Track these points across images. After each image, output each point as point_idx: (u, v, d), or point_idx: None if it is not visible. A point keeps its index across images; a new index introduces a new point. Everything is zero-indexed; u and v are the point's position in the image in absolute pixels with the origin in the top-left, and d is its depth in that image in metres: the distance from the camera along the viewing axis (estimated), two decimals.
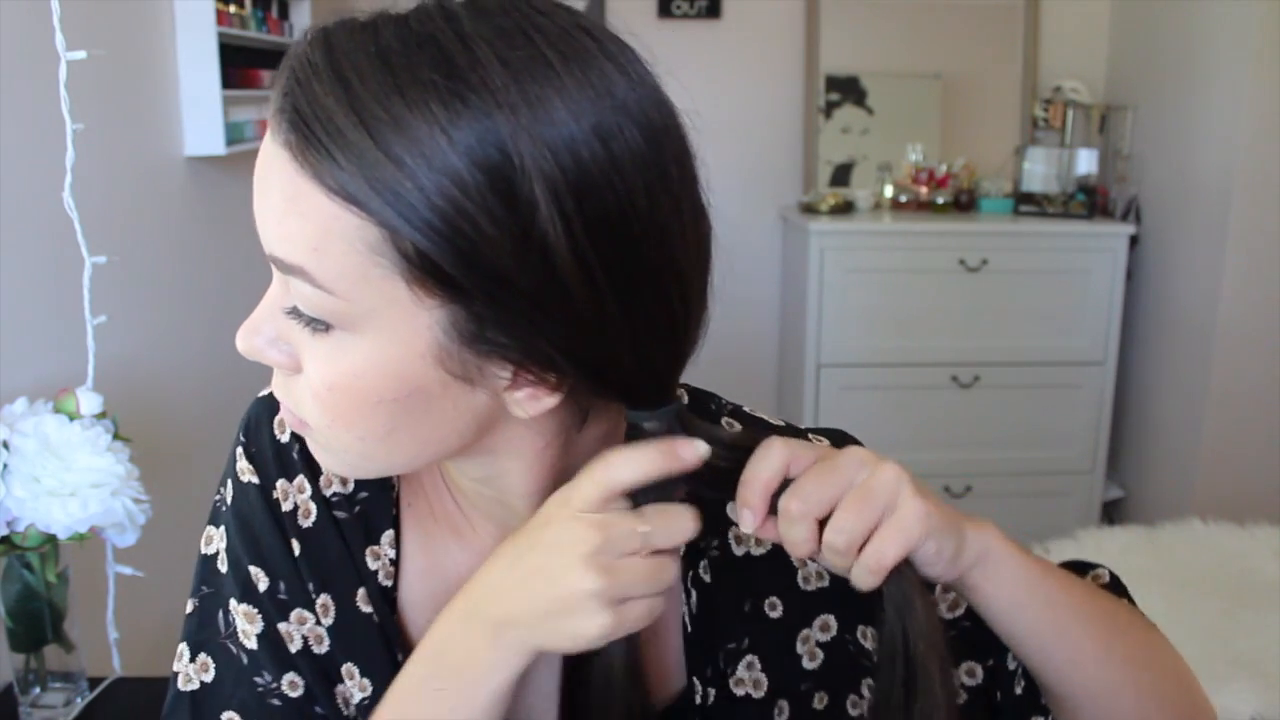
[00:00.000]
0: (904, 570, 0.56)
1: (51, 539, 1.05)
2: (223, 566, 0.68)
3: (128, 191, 1.61)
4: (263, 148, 0.51)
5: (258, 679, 0.66)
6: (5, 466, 1.03)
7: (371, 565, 0.66)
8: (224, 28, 1.79)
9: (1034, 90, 3.17)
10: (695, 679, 0.66)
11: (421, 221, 0.47)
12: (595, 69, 0.50)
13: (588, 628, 0.53)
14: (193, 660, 0.68)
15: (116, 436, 1.10)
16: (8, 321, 1.25)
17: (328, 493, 0.67)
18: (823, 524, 0.55)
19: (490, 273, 0.48)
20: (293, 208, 0.49)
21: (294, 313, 0.52)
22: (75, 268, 1.23)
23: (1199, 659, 1.86)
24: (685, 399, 0.70)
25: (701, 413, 0.69)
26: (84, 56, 1.18)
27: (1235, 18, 2.57)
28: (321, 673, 0.66)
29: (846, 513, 0.55)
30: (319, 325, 0.52)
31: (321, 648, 0.66)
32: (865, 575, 0.55)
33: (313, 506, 0.66)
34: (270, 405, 0.69)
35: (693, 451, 0.55)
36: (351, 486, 0.67)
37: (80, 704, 1.17)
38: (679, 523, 0.54)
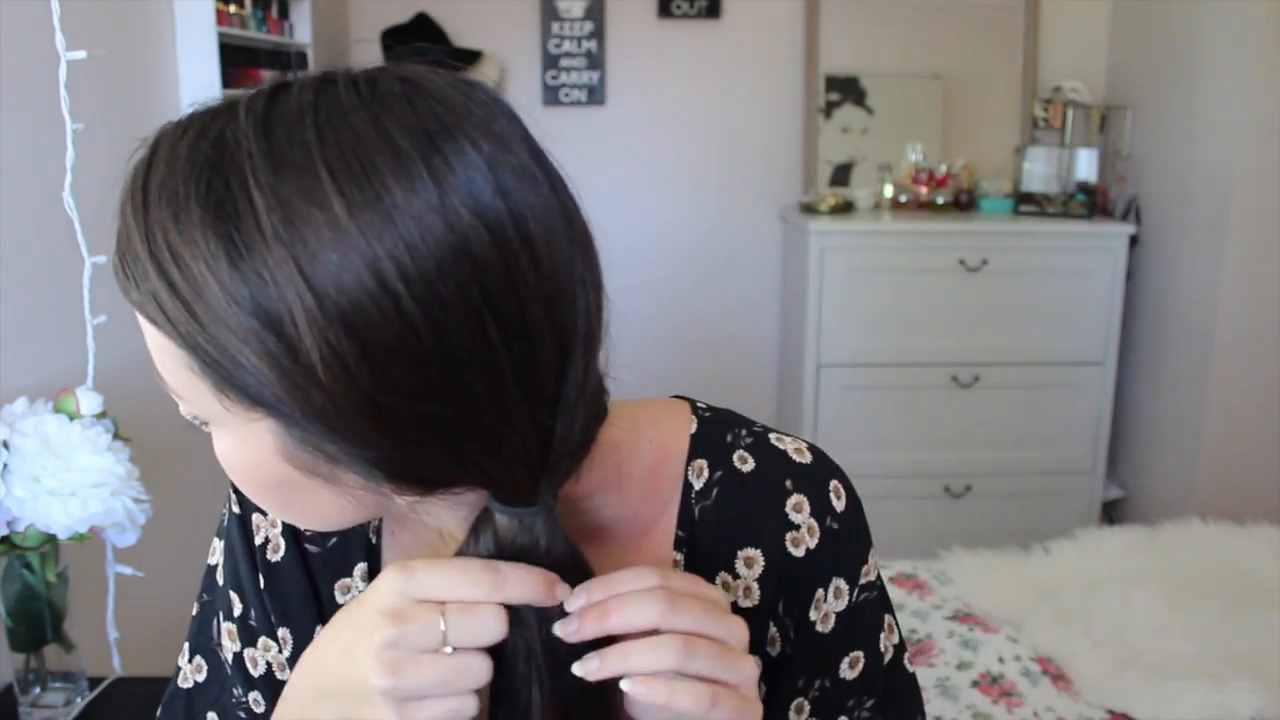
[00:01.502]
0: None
1: (51, 539, 1.05)
2: (220, 580, 0.71)
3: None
4: None
5: (235, 690, 0.70)
6: (5, 466, 1.03)
7: (340, 599, 0.68)
8: (224, 28, 1.79)
9: (1034, 90, 3.17)
10: None
11: (206, 355, 0.48)
12: (381, 190, 0.46)
13: None
14: (191, 660, 0.72)
15: (116, 436, 1.10)
16: (8, 321, 1.25)
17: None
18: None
19: (271, 401, 0.48)
20: (137, 316, 0.51)
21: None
22: (75, 268, 1.23)
23: (1199, 659, 1.86)
24: (696, 424, 0.67)
25: (716, 445, 0.66)
26: (84, 56, 1.18)
27: (1235, 18, 2.57)
28: (278, 696, 0.66)
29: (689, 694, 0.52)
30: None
31: (284, 674, 0.68)
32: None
33: (282, 542, 0.68)
34: None
35: (526, 592, 0.51)
36: None
37: (80, 704, 1.17)
38: (484, 625, 0.50)
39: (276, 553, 0.68)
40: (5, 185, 1.25)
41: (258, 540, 0.68)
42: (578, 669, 0.52)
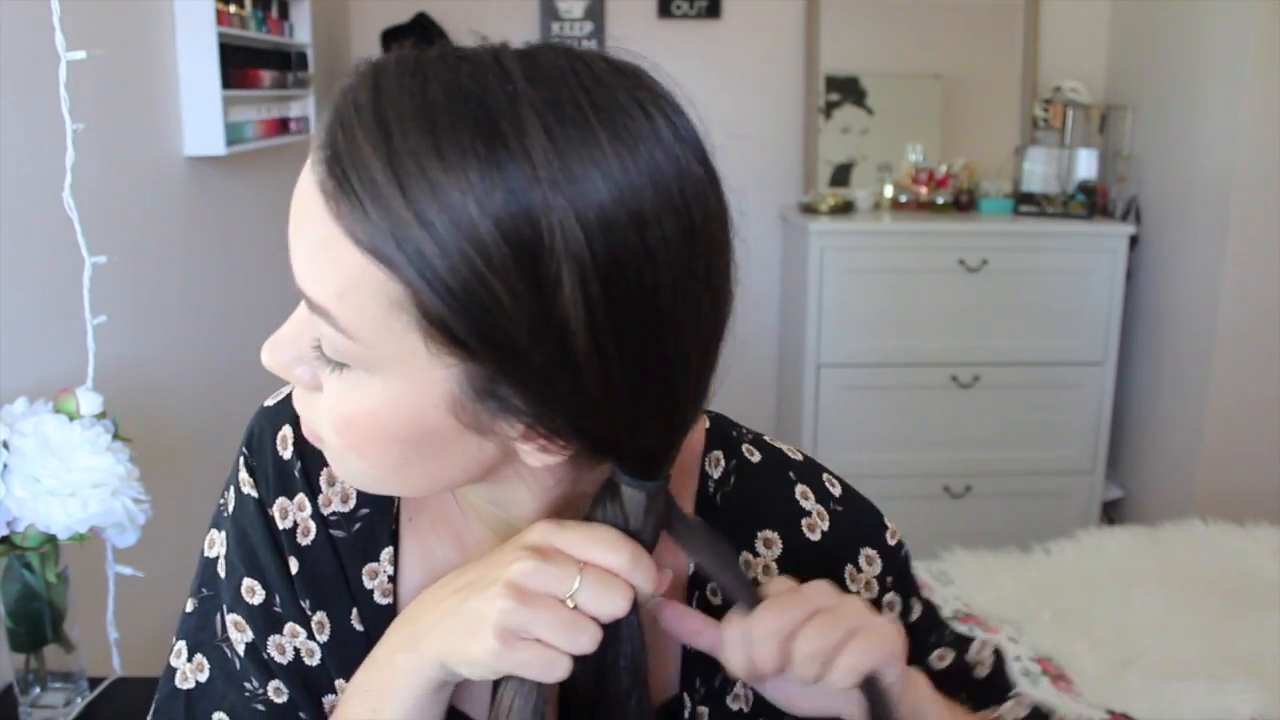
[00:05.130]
0: (879, 685, 0.57)
1: (51, 539, 1.05)
2: (222, 572, 0.69)
3: (128, 191, 1.61)
4: (300, 183, 0.51)
5: (246, 684, 0.67)
6: (5, 466, 1.03)
7: (368, 584, 0.67)
8: (224, 28, 1.79)
9: (1034, 90, 3.17)
10: (686, 694, 0.67)
11: (443, 286, 0.46)
12: (644, 152, 0.48)
13: (475, 649, 0.53)
14: (189, 659, 0.69)
15: (116, 436, 1.10)
16: (8, 321, 1.25)
17: (327, 511, 0.67)
18: None
19: (505, 345, 0.48)
20: (323, 253, 0.49)
21: (317, 347, 0.53)
22: (75, 268, 1.23)
23: (1199, 659, 1.86)
24: (708, 421, 0.71)
25: (724, 440, 0.70)
26: (84, 56, 1.18)
27: (1234, 18, 2.57)
28: (309, 683, 0.67)
29: (817, 625, 0.56)
30: (338, 365, 0.52)
31: (313, 660, 0.67)
32: (844, 677, 0.56)
33: (312, 525, 0.67)
34: (274, 419, 0.69)
35: (649, 583, 0.54)
36: (352, 504, 0.68)
37: (80, 704, 1.17)
38: (613, 595, 0.53)
39: (307, 536, 0.67)
40: (5, 185, 1.25)
41: (284, 525, 0.67)
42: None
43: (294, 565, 0.67)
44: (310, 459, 0.67)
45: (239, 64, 1.90)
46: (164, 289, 1.71)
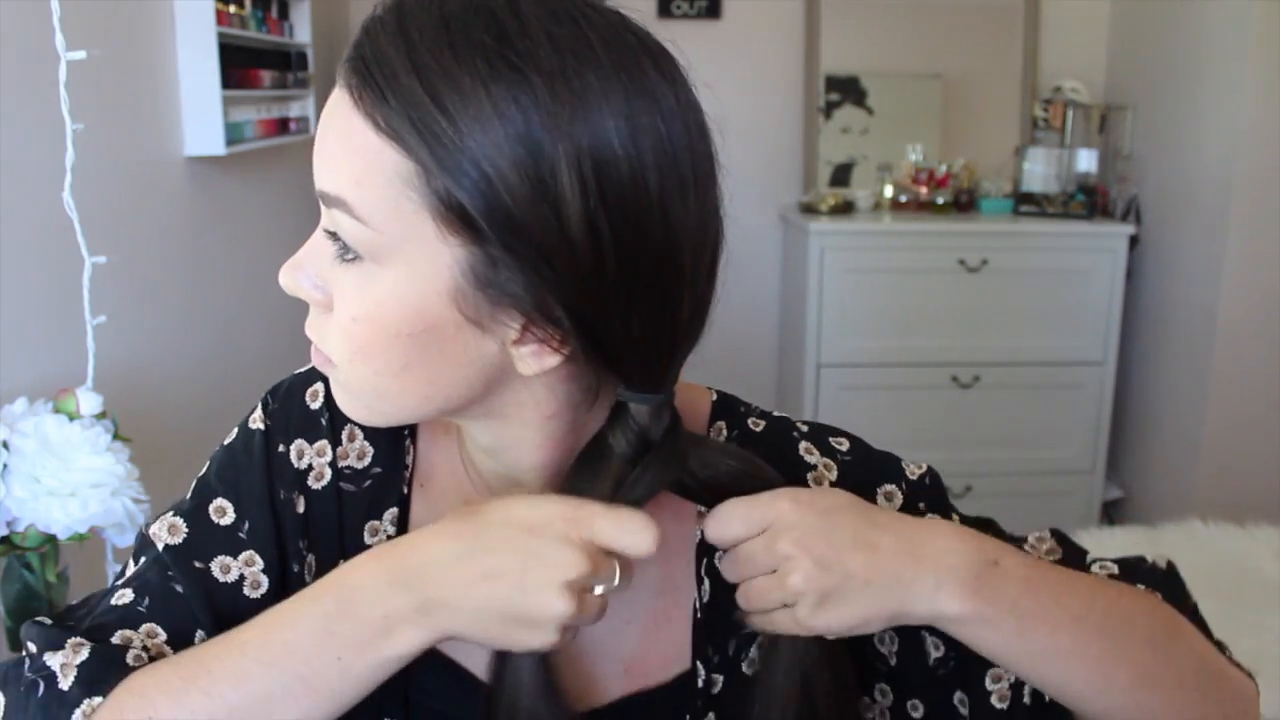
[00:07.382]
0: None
1: (51, 539, 1.05)
2: (188, 495, 0.71)
3: (128, 191, 1.61)
4: (328, 102, 0.56)
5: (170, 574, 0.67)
6: (5, 466, 1.03)
7: (368, 539, 0.68)
8: (224, 28, 1.79)
9: (1034, 90, 3.17)
10: (699, 663, 0.67)
11: (453, 164, 0.51)
12: (633, 61, 0.54)
13: (533, 642, 0.56)
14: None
15: (116, 436, 1.10)
16: (8, 321, 1.25)
17: (342, 464, 0.70)
18: None
19: (507, 219, 0.52)
20: (344, 144, 0.54)
21: (333, 237, 0.56)
22: (75, 268, 1.23)
23: None
24: (715, 396, 0.73)
25: (730, 412, 0.72)
26: (84, 56, 1.18)
27: (1234, 17, 2.57)
28: (233, 609, 0.65)
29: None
30: (350, 254, 0.56)
31: (256, 593, 0.67)
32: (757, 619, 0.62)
33: (327, 471, 0.69)
34: (306, 377, 0.72)
35: (646, 545, 0.57)
36: (367, 462, 0.70)
37: None
38: (630, 570, 0.58)
39: (320, 481, 0.69)
40: (5, 185, 1.25)
41: (299, 465, 0.69)
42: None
43: (301, 504, 0.68)
44: (338, 414, 0.68)
45: (239, 64, 1.90)
46: (164, 289, 1.71)
